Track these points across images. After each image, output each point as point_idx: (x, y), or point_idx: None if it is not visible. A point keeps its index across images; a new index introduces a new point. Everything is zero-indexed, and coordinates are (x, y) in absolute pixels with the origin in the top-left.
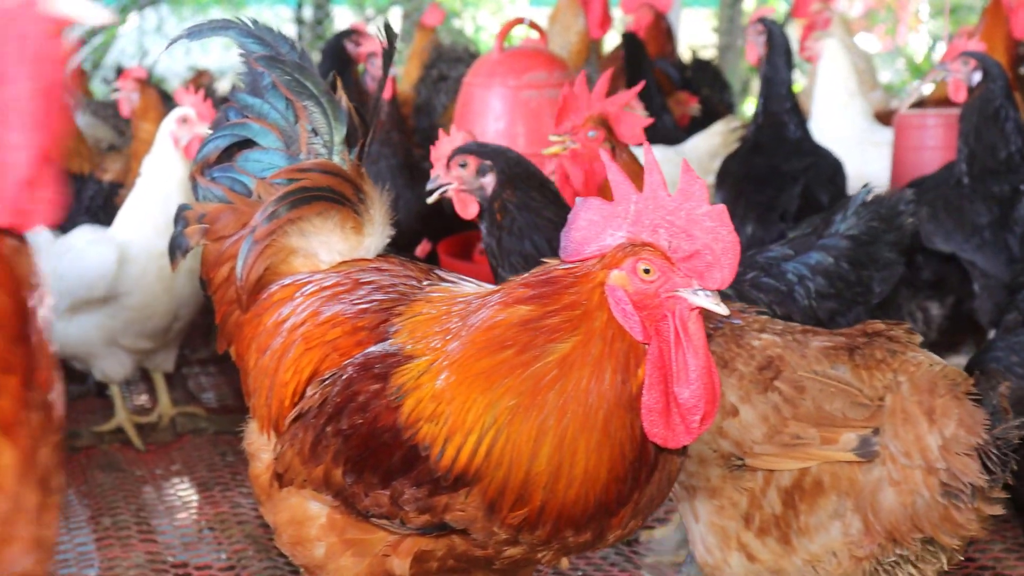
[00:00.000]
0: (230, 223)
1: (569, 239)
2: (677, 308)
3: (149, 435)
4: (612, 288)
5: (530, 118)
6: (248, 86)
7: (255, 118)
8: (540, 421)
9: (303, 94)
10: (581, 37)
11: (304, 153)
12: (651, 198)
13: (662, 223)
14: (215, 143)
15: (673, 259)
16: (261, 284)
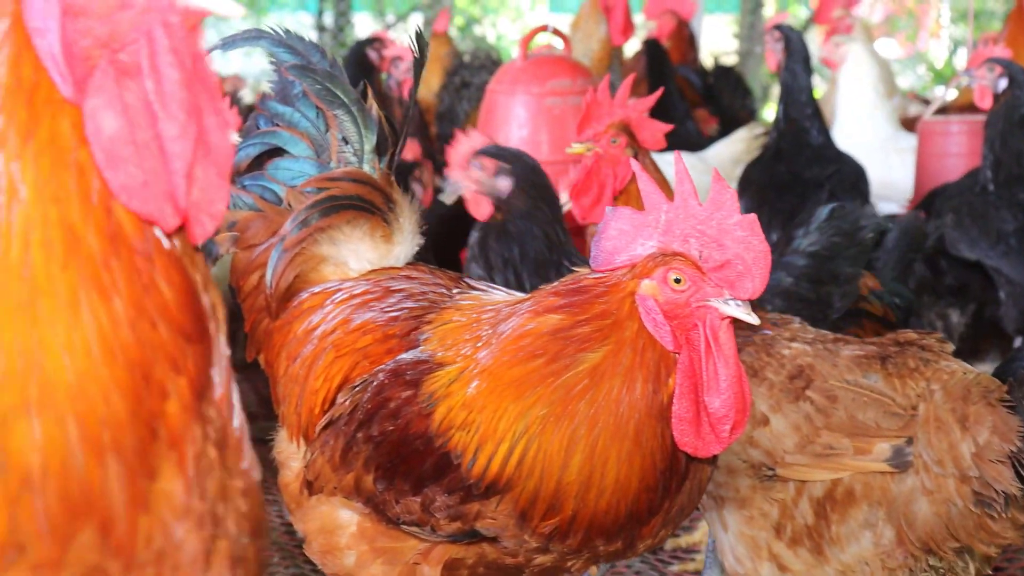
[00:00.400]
0: (260, 231)
1: (599, 249)
2: (708, 318)
3: None
4: (643, 298)
5: (553, 125)
6: (278, 94)
7: (285, 126)
8: (571, 430)
9: (334, 103)
10: (603, 44)
11: (334, 161)
12: (682, 208)
13: (693, 233)
14: (245, 151)
15: (704, 269)
16: (291, 292)
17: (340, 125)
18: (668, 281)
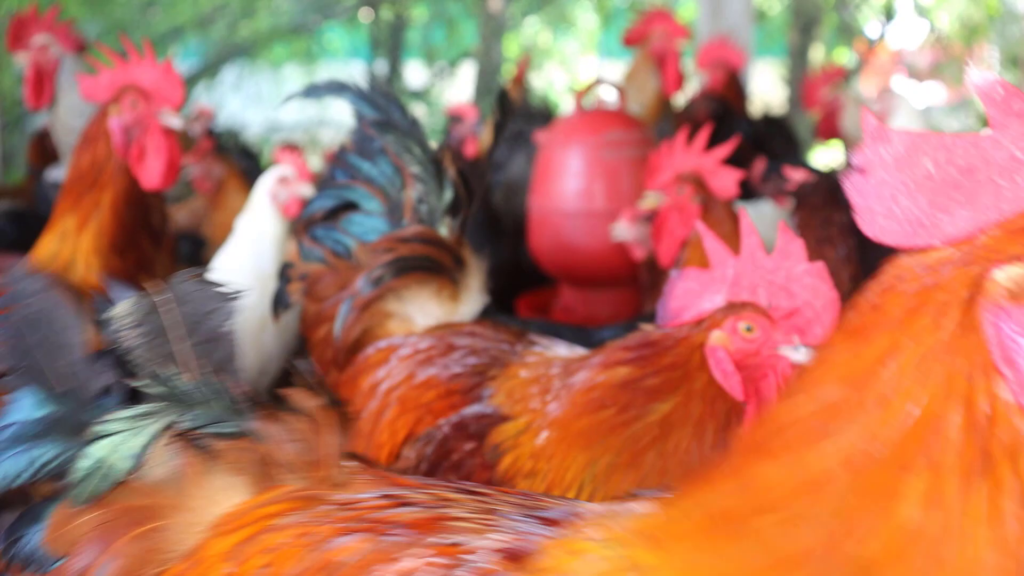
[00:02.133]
0: (330, 285)
1: (667, 309)
2: (779, 366)
3: None
4: (713, 348)
5: (608, 177)
6: (357, 147)
7: (362, 181)
8: (639, 479)
9: (411, 161)
10: (656, 95)
11: (407, 220)
12: (749, 260)
13: (761, 283)
14: (321, 203)
15: (773, 317)
16: (358, 346)
17: (416, 184)
18: (738, 330)
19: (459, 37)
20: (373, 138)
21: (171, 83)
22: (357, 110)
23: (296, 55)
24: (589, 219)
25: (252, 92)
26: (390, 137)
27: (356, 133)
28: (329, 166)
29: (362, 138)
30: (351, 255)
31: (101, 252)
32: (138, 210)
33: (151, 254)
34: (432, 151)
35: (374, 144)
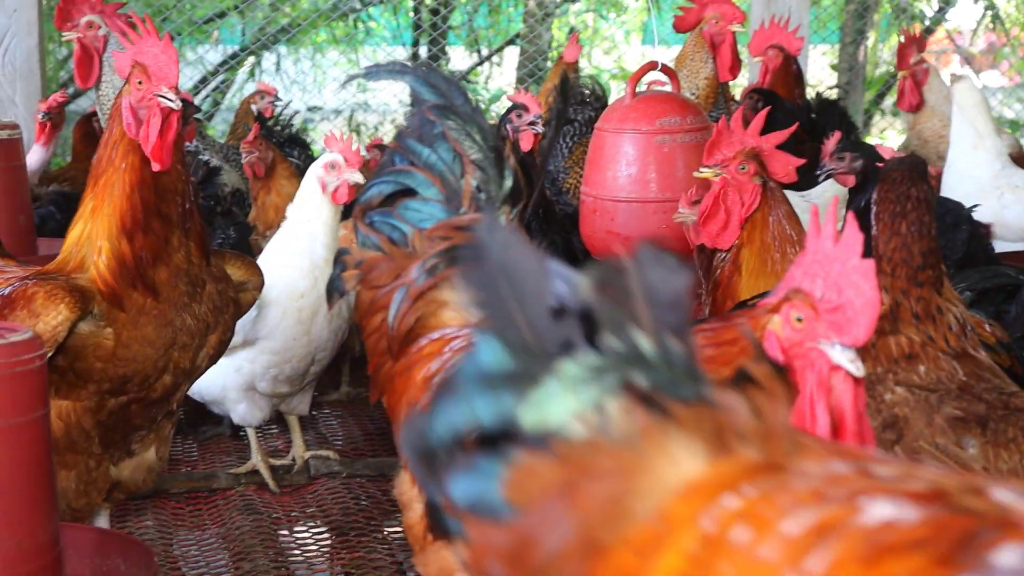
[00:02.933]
0: (384, 273)
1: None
2: (817, 362)
3: (283, 478)
4: (768, 333)
5: (663, 163)
6: (416, 132)
7: (421, 167)
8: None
9: (472, 148)
10: (710, 82)
11: (466, 207)
12: (821, 248)
13: (820, 272)
14: (379, 188)
15: (820, 310)
16: (412, 336)
17: (475, 172)
18: (790, 319)
19: (503, 22)
20: (433, 123)
21: (169, 61)
22: (417, 94)
23: (338, 40)
24: (643, 207)
25: (293, 77)
26: (451, 123)
27: (416, 118)
28: (388, 150)
29: (422, 123)
30: (407, 242)
31: (111, 236)
32: (150, 193)
33: (164, 239)
34: (493, 138)
35: (434, 129)
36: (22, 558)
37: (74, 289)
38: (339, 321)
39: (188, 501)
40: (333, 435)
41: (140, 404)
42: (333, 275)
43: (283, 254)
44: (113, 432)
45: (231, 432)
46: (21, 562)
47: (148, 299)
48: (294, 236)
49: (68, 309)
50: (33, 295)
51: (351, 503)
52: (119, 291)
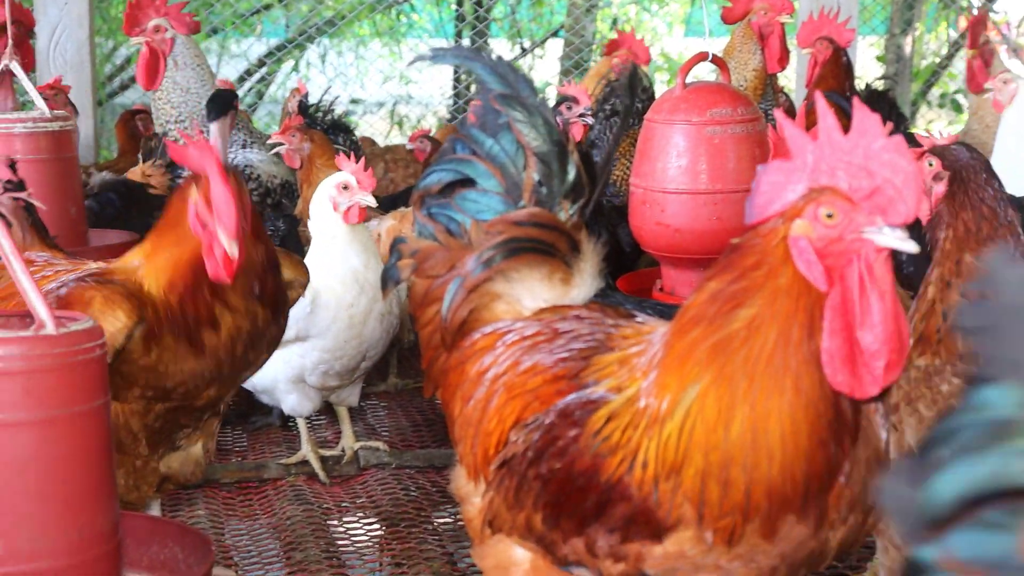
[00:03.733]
0: (439, 263)
1: (752, 205)
2: (863, 250)
3: (333, 468)
4: (795, 239)
5: (713, 155)
6: (480, 121)
7: (483, 157)
8: (729, 393)
9: (536, 141)
10: (758, 73)
11: (526, 200)
12: (826, 143)
13: (839, 165)
14: (438, 175)
15: (855, 199)
16: (465, 329)
17: (538, 165)
18: (820, 217)
19: (546, 14)
20: (498, 113)
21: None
22: (484, 82)
23: (380, 32)
24: (693, 198)
25: (337, 69)
26: (516, 113)
27: (480, 107)
28: (450, 137)
29: (486, 112)
30: (463, 233)
31: (159, 286)
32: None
33: (219, 306)
34: (558, 132)
35: (499, 119)
36: (83, 545)
37: (131, 295)
38: (391, 318)
39: (239, 491)
40: (381, 426)
41: (186, 409)
42: (388, 264)
43: (322, 265)
44: (159, 434)
45: (281, 422)
46: (82, 549)
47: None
48: (324, 251)
49: (126, 316)
50: (91, 299)
51: (401, 494)
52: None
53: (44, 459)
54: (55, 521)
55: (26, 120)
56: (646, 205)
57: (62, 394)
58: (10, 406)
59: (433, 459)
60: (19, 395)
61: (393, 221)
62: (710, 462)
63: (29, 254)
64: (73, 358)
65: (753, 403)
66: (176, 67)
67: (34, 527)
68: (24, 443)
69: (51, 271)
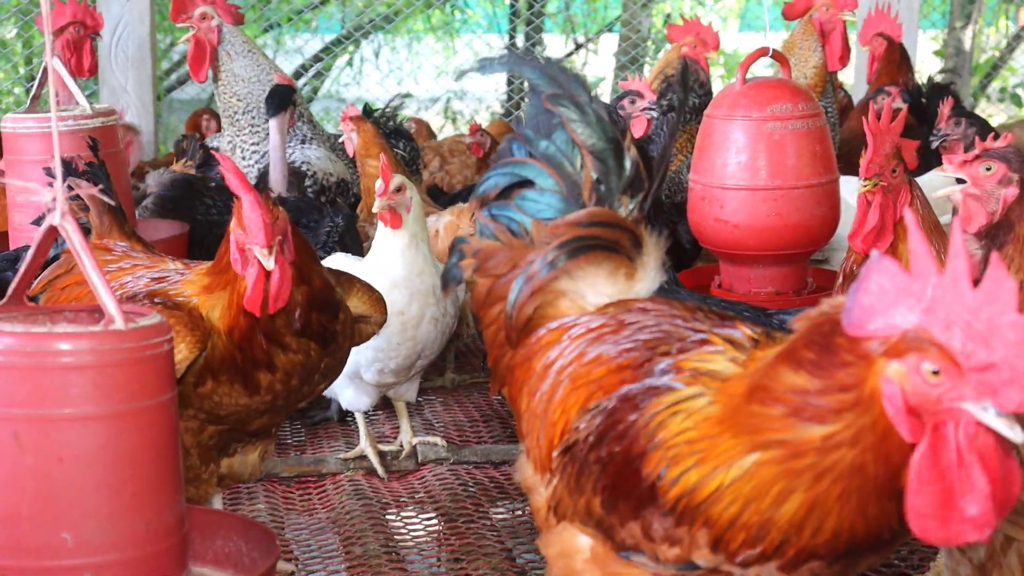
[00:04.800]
0: (502, 263)
1: (856, 301)
2: (962, 420)
3: (391, 463)
4: (888, 382)
5: (773, 150)
6: (533, 121)
7: (538, 157)
8: (788, 484)
9: (591, 138)
10: (818, 70)
11: (585, 198)
12: (951, 288)
13: (958, 321)
14: (495, 180)
15: (963, 366)
16: (531, 326)
17: (594, 162)
18: (921, 371)
19: (600, 8)
20: (551, 113)
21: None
22: (535, 85)
23: (435, 27)
24: (753, 194)
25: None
26: (569, 112)
27: (533, 108)
28: (506, 138)
29: (539, 112)
30: (525, 232)
31: (217, 328)
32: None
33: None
34: (612, 129)
35: (552, 119)
36: (150, 538)
37: (195, 326)
38: (446, 319)
39: (298, 485)
40: (439, 421)
41: (239, 432)
42: (450, 263)
43: (374, 271)
44: (212, 449)
45: (339, 417)
46: (149, 542)
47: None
48: (378, 254)
49: (188, 349)
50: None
51: (459, 489)
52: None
53: (113, 453)
54: (123, 514)
55: (67, 118)
56: (705, 201)
57: (131, 388)
58: (80, 400)
59: (491, 455)
60: (89, 389)
61: (451, 217)
62: (749, 523)
63: (107, 242)
64: (142, 353)
65: (812, 502)
66: (230, 58)
67: (102, 520)
68: (93, 437)
69: (128, 263)
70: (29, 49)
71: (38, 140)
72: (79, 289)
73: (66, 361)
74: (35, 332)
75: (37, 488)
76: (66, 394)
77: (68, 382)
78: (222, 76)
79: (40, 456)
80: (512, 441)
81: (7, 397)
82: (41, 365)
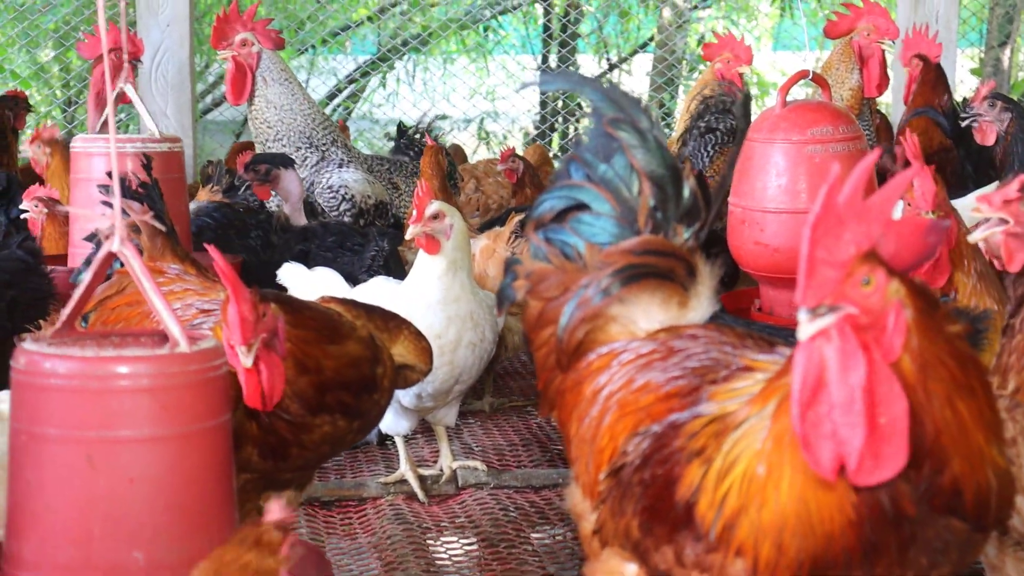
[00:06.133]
0: (554, 285)
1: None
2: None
3: (431, 488)
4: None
5: (814, 174)
6: (593, 145)
7: (595, 182)
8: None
9: (650, 164)
10: (855, 93)
11: (641, 225)
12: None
13: None
14: (551, 204)
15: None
16: (581, 350)
17: (652, 189)
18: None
19: (633, 29)
20: (611, 137)
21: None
22: (596, 108)
23: (468, 49)
24: (793, 218)
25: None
26: (629, 137)
27: (593, 131)
28: (564, 159)
29: (599, 136)
30: (578, 256)
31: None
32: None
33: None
34: (671, 156)
35: (612, 143)
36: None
37: (233, 382)
38: (484, 345)
39: (339, 509)
40: (478, 444)
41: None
42: (504, 283)
43: (413, 297)
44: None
45: (378, 440)
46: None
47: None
48: (417, 279)
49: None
50: None
51: (499, 513)
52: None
53: (180, 473)
54: (191, 532)
55: (135, 140)
56: (745, 224)
57: (196, 409)
58: (150, 422)
59: (531, 479)
60: (158, 411)
61: (487, 241)
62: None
63: (160, 264)
64: (205, 375)
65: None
66: (265, 84)
67: (171, 539)
68: (162, 457)
69: (180, 287)
70: (69, 74)
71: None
72: (129, 310)
73: (136, 384)
74: (105, 356)
75: (109, 509)
76: (136, 416)
77: (138, 404)
78: (256, 101)
79: (112, 477)
80: (552, 466)
81: (80, 421)
82: (113, 388)
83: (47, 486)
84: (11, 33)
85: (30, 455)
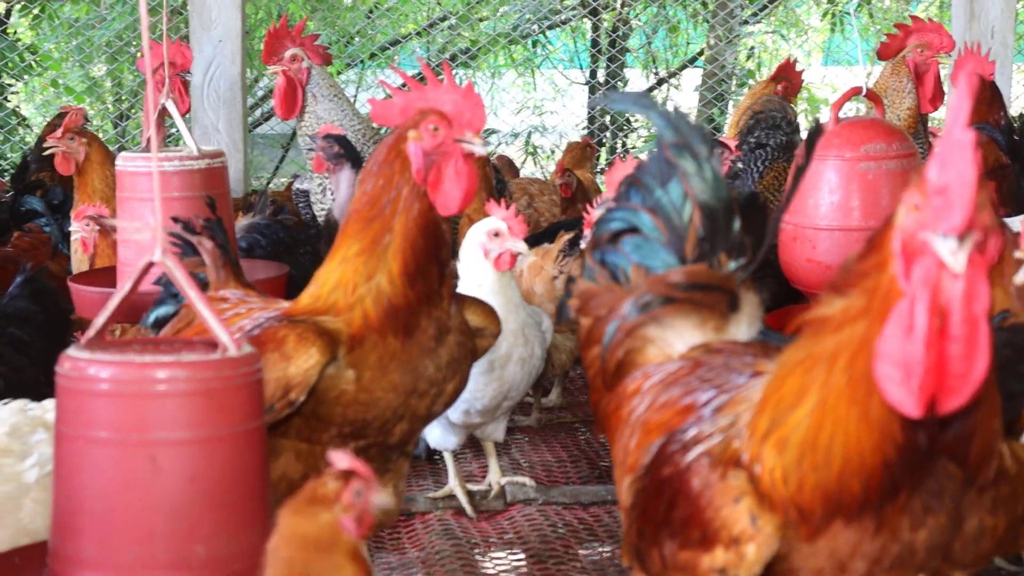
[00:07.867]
0: (600, 305)
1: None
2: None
3: (479, 503)
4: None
5: (867, 191)
6: (653, 168)
7: (650, 207)
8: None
9: (704, 194)
10: (911, 111)
11: (690, 252)
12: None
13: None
14: (608, 227)
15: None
16: (622, 371)
17: (703, 219)
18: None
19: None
20: (671, 163)
21: (473, 107)
22: (660, 132)
23: (516, 63)
24: (846, 235)
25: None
26: (687, 165)
27: (654, 156)
28: (625, 181)
29: (660, 160)
30: (625, 279)
31: (392, 280)
32: (432, 239)
33: (437, 287)
34: (726, 187)
35: (671, 169)
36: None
37: (323, 332)
38: (533, 361)
39: None
40: (526, 460)
41: (378, 448)
42: (563, 299)
43: None
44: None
45: (426, 455)
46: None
47: (399, 344)
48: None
49: (319, 353)
50: (284, 338)
51: (548, 529)
52: (379, 336)
53: (233, 471)
54: (243, 527)
55: (173, 158)
56: (797, 242)
57: (245, 410)
58: (208, 424)
59: (579, 495)
60: (215, 413)
61: (535, 258)
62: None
63: (223, 292)
64: (251, 377)
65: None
66: (315, 100)
67: (227, 533)
68: (220, 457)
69: (244, 308)
70: (122, 89)
71: (149, 178)
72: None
73: (197, 387)
74: (164, 362)
75: (172, 508)
76: (197, 418)
77: (197, 407)
78: (306, 117)
79: (174, 477)
80: (601, 482)
81: (145, 424)
82: (175, 392)
83: (109, 487)
84: (66, 48)
85: (88, 459)
